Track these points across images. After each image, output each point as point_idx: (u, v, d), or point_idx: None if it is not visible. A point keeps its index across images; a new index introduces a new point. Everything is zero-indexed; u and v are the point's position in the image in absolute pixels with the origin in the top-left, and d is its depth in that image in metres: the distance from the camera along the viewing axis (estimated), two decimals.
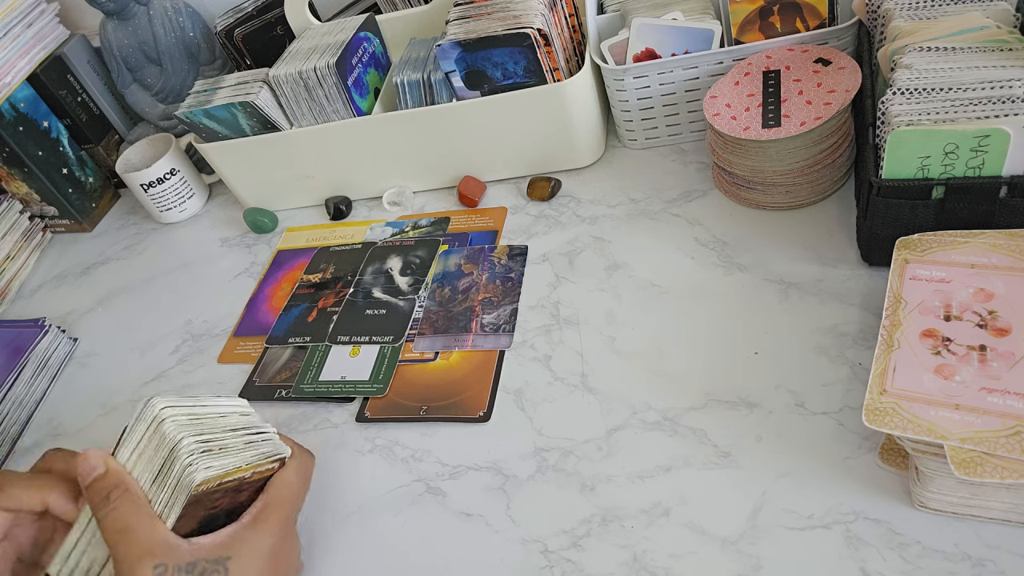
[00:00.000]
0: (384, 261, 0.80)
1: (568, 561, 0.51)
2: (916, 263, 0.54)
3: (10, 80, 0.93)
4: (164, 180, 0.94)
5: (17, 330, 0.82)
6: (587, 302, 0.69)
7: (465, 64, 0.77)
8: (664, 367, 0.61)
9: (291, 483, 0.52)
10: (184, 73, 1.00)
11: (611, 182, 0.81)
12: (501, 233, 0.80)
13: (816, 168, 0.67)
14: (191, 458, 0.48)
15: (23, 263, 0.98)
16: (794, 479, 0.52)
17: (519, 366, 0.66)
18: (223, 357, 0.76)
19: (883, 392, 0.47)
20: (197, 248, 0.93)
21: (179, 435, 0.49)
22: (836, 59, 0.70)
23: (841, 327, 0.60)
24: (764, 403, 0.56)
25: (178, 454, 0.48)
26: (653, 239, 0.73)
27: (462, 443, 0.61)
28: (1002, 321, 0.49)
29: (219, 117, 0.84)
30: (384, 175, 0.88)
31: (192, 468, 0.47)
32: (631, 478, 0.55)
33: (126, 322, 0.86)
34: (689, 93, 0.78)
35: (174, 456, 0.48)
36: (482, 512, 0.56)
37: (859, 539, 0.48)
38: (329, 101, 0.82)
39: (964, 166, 0.54)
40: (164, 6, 0.97)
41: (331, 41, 0.84)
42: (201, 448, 0.49)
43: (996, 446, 0.42)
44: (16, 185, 0.99)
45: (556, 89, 0.77)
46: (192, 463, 0.47)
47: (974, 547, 0.46)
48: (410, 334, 0.71)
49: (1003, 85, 0.54)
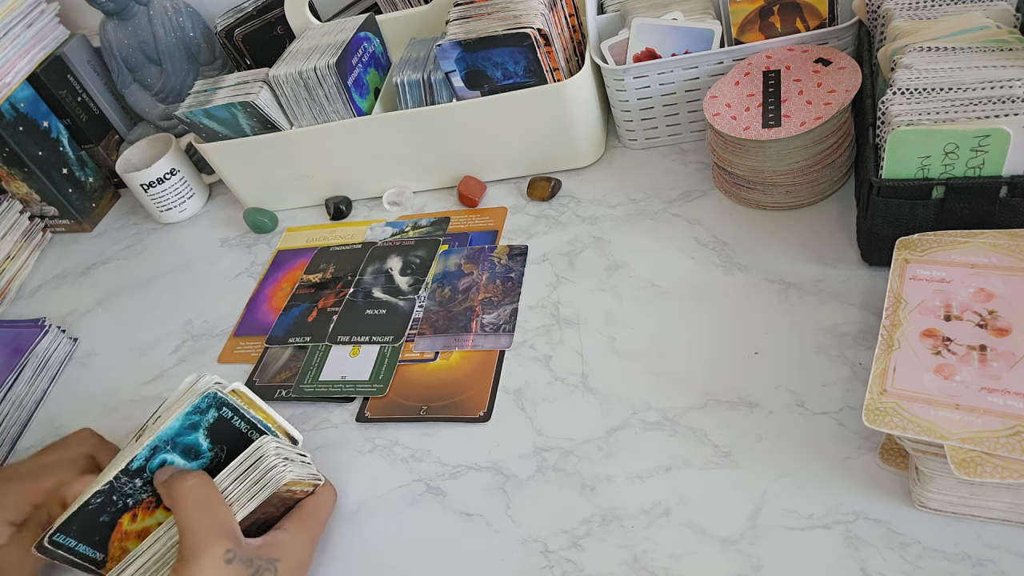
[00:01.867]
0: (384, 261, 0.80)
1: (568, 561, 0.51)
2: (916, 263, 0.54)
3: (10, 80, 0.93)
4: (164, 180, 0.94)
5: (17, 330, 0.82)
6: (587, 302, 0.69)
7: (465, 64, 0.77)
8: (664, 367, 0.61)
9: (322, 507, 0.56)
10: (184, 73, 1.00)
11: (611, 182, 0.81)
12: (501, 233, 0.80)
13: (816, 168, 0.67)
14: (277, 460, 0.51)
15: (23, 263, 0.98)
16: (794, 479, 0.52)
17: (519, 366, 0.66)
18: (223, 357, 0.76)
19: (883, 392, 0.47)
20: (197, 248, 0.93)
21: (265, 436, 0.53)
22: (836, 59, 0.70)
23: (841, 327, 0.60)
24: (764, 403, 0.56)
25: (264, 453, 0.51)
26: (653, 239, 0.73)
27: (462, 443, 0.61)
28: (1002, 321, 0.49)
29: (219, 117, 0.84)
30: (384, 175, 0.88)
31: (281, 469, 0.51)
32: (631, 478, 0.55)
33: (126, 322, 0.86)
34: (689, 93, 0.78)
35: (259, 454, 0.51)
36: (482, 512, 0.56)
37: (859, 539, 0.48)
38: (329, 101, 0.82)
39: (964, 166, 0.54)
40: (164, 6, 0.97)
41: (331, 41, 0.84)
42: (284, 453, 0.53)
43: (996, 446, 0.42)
44: (16, 185, 0.99)
45: (556, 89, 0.77)
46: (277, 464, 0.51)
47: (974, 547, 0.46)
48: (410, 334, 0.71)
49: (1003, 85, 0.54)
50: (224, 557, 0.46)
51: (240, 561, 0.47)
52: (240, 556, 0.47)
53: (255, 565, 0.48)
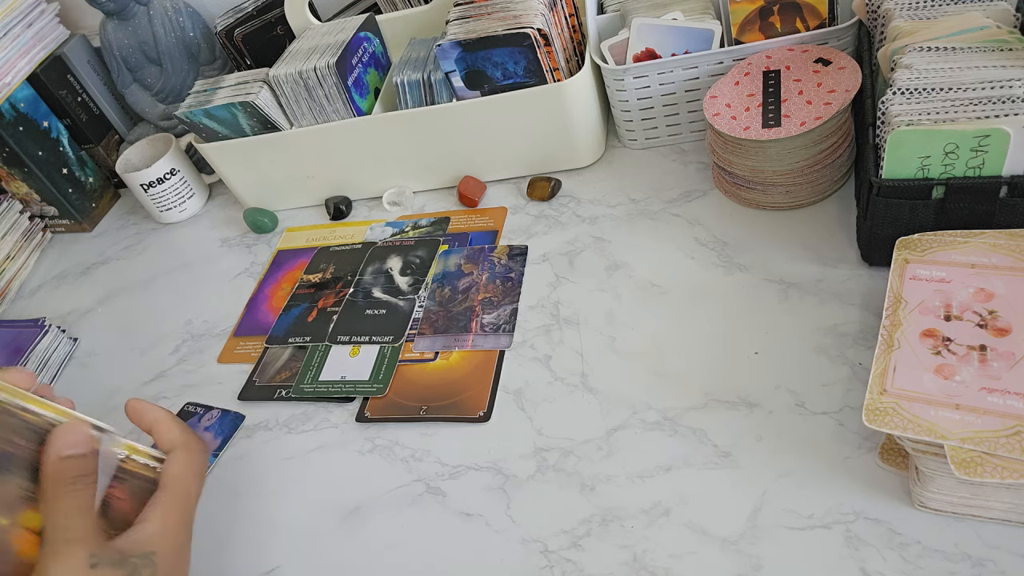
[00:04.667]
0: (384, 261, 0.80)
1: (568, 561, 0.51)
2: (916, 263, 0.54)
3: (10, 80, 0.93)
4: (164, 180, 0.94)
5: (17, 330, 0.82)
6: (587, 302, 0.69)
7: (465, 64, 0.77)
8: (664, 367, 0.61)
9: (183, 474, 0.49)
10: (184, 73, 1.00)
11: (611, 182, 0.81)
12: (501, 233, 0.80)
13: (816, 168, 0.67)
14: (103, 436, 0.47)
15: (23, 263, 0.98)
16: (794, 479, 0.52)
17: (519, 366, 0.66)
18: (223, 357, 0.76)
19: (883, 392, 0.47)
20: (197, 248, 0.93)
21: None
22: (836, 59, 0.70)
23: (841, 327, 0.60)
24: (764, 403, 0.56)
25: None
26: (653, 239, 0.73)
27: (462, 443, 0.61)
28: (1002, 321, 0.49)
29: (219, 117, 0.84)
30: (384, 175, 0.88)
31: (110, 445, 0.46)
32: (631, 478, 0.55)
33: (126, 322, 0.86)
34: (689, 93, 0.78)
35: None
36: (482, 512, 0.56)
37: (859, 539, 0.48)
38: (329, 101, 0.82)
39: (964, 166, 0.54)
40: (164, 6, 0.97)
41: (331, 41, 0.84)
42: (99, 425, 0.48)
43: (996, 446, 0.42)
44: (16, 185, 0.99)
45: (556, 89, 0.77)
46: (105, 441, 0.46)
47: (974, 547, 0.46)
48: (410, 334, 0.71)
49: (1003, 85, 0.54)
50: (88, 561, 0.42)
51: (108, 563, 0.42)
52: (107, 558, 0.42)
53: (128, 565, 0.43)
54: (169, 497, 0.48)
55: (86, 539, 0.43)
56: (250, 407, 0.70)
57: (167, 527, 0.47)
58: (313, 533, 0.58)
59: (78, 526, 0.43)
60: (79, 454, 0.46)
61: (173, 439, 0.50)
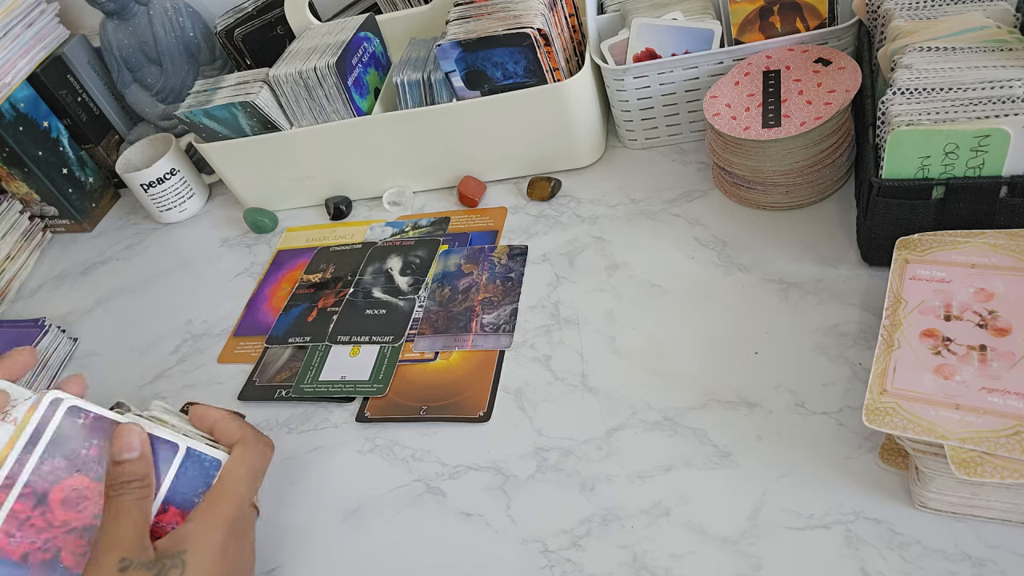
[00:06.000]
0: (384, 261, 0.80)
1: (568, 561, 0.51)
2: (916, 263, 0.54)
3: (10, 80, 0.93)
4: (164, 180, 0.94)
5: (17, 330, 0.82)
6: (587, 302, 0.69)
7: (465, 64, 0.77)
8: (664, 367, 0.61)
9: (239, 477, 0.50)
10: (184, 73, 1.00)
11: (611, 182, 0.81)
12: (501, 233, 0.80)
13: (816, 168, 0.67)
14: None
15: (23, 263, 0.98)
16: (794, 479, 0.52)
17: (519, 366, 0.66)
18: (223, 357, 0.76)
19: (883, 392, 0.47)
20: (197, 248, 0.93)
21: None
22: (836, 59, 0.70)
23: (841, 327, 0.60)
24: (764, 403, 0.56)
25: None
26: (653, 239, 0.73)
27: (462, 443, 0.61)
28: (1002, 321, 0.49)
29: (219, 117, 0.84)
30: (384, 175, 0.88)
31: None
32: (631, 478, 0.55)
33: (126, 322, 0.86)
34: (689, 93, 0.78)
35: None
36: (482, 512, 0.56)
37: (859, 539, 0.48)
38: (329, 101, 0.82)
39: (964, 166, 0.54)
40: (164, 6, 0.97)
41: (331, 41, 0.84)
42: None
43: (996, 446, 0.42)
44: (16, 185, 0.99)
45: (556, 89, 0.77)
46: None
47: (974, 547, 0.46)
48: (410, 334, 0.71)
49: (1003, 85, 0.54)
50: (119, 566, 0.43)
51: (138, 566, 0.43)
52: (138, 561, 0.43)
53: (159, 564, 0.44)
54: (213, 494, 0.49)
55: (120, 544, 0.44)
56: (250, 407, 0.70)
57: (204, 525, 0.47)
58: (313, 533, 0.58)
59: (117, 531, 0.45)
60: (128, 459, 0.47)
61: (230, 436, 0.51)
